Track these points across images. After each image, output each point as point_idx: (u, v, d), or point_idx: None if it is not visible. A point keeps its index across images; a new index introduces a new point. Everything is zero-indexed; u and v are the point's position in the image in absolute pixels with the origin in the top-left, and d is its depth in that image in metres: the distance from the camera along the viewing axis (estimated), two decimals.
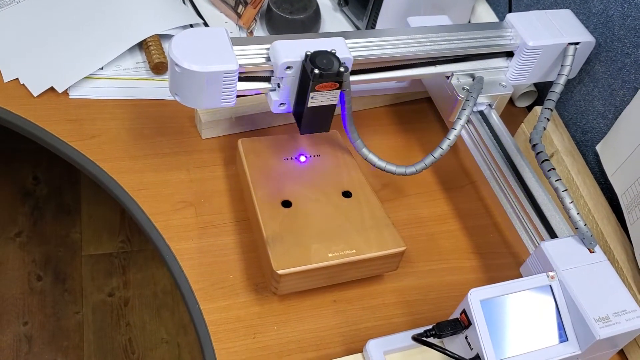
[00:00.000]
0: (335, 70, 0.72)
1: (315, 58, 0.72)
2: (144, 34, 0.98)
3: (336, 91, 0.74)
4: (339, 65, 0.73)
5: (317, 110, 0.75)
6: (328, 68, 0.72)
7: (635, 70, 0.84)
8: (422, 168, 0.78)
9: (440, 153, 0.78)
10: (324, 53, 0.73)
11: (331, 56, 0.73)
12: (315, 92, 0.73)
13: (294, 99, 0.77)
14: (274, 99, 0.77)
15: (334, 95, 0.74)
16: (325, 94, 0.73)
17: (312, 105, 0.74)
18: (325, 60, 0.72)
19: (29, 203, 1.78)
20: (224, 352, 0.71)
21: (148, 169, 0.85)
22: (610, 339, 0.66)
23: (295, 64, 0.73)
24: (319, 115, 0.77)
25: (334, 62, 0.72)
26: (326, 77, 0.72)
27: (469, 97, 0.81)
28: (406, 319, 0.78)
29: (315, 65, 0.71)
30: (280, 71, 0.73)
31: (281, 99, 0.77)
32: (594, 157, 0.92)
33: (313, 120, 0.77)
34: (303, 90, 0.74)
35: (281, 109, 0.78)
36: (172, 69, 0.71)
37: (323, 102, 0.75)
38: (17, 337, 1.55)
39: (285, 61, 0.73)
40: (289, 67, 0.73)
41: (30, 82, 0.91)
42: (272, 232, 0.73)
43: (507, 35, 0.86)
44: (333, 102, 0.76)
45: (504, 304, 0.66)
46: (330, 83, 0.72)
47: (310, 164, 0.82)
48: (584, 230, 0.72)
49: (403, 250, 0.75)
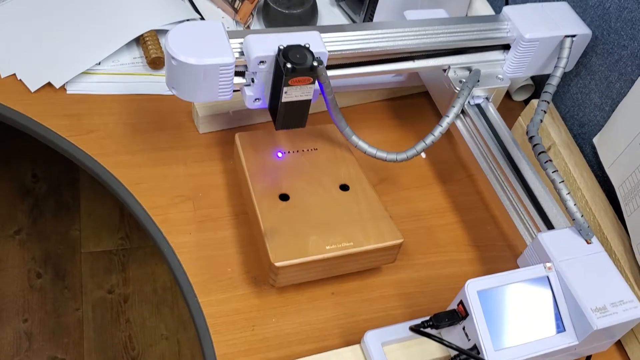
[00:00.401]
0: (309, 64, 0.71)
1: (289, 52, 0.71)
2: (141, 29, 0.98)
3: (310, 86, 0.73)
4: (313, 60, 0.72)
5: (291, 105, 0.75)
6: (301, 62, 0.71)
7: (632, 63, 0.84)
8: (412, 154, 0.78)
9: (431, 140, 0.78)
10: (297, 47, 0.72)
11: (305, 50, 0.72)
12: (289, 87, 0.72)
13: (269, 94, 0.76)
14: (248, 94, 0.76)
15: (307, 90, 0.73)
16: (299, 88, 0.73)
17: (286, 101, 0.74)
18: (299, 54, 0.71)
19: (28, 201, 1.78)
20: (222, 345, 0.71)
21: (146, 164, 0.86)
22: (607, 329, 0.66)
23: (268, 59, 0.72)
24: (294, 111, 0.76)
25: (307, 57, 0.71)
26: (299, 72, 0.71)
27: (464, 87, 0.81)
28: (404, 310, 0.78)
29: (288, 59, 0.70)
30: (254, 65, 0.73)
31: (255, 94, 0.76)
32: (591, 150, 0.92)
33: (288, 116, 0.76)
34: (277, 85, 0.73)
35: (256, 104, 0.77)
36: (169, 62, 0.71)
37: (297, 97, 0.74)
38: (17, 334, 1.55)
39: (257, 55, 0.72)
40: (262, 61, 0.73)
41: (27, 78, 0.91)
42: (269, 225, 0.73)
43: (503, 28, 0.86)
44: (307, 97, 0.75)
45: (501, 295, 0.67)
46: (304, 78, 0.72)
47: (308, 158, 0.82)
48: (580, 221, 0.72)
49: (401, 242, 0.75)
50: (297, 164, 0.81)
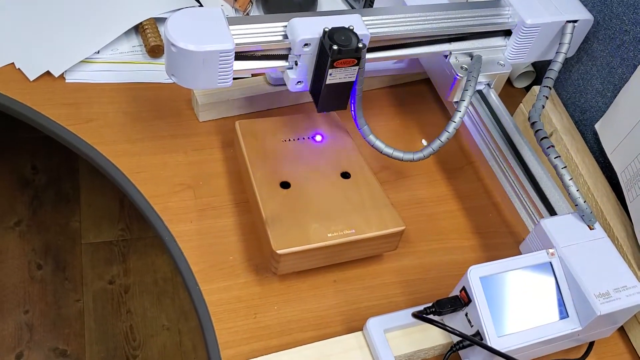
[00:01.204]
0: (354, 46, 0.72)
1: (334, 34, 0.72)
2: (140, 17, 0.97)
3: (354, 67, 0.74)
4: (357, 42, 0.72)
5: (334, 87, 0.75)
6: (346, 44, 0.71)
7: (634, 48, 0.84)
8: (429, 153, 0.78)
9: (447, 137, 0.77)
10: (342, 29, 0.72)
11: (349, 32, 0.73)
12: (334, 69, 0.72)
13: (312, 77, 0.77)
14: (291, 77, 0.76)
15: (352, 72, 0.74)
16: (344, 70, 0.73)
17: (331, 83, 0.74)
18: (344, 36, 0.72)
19: (28, 192, 1.78)
20: (224, 332, 0.71)
21: (146, 152, 0.85)
22: (610, 315, 0.66)
23: (313, 41, 0.73)
24: (336, 93, 0.76)
25: (352, 39, 0.72)
26: (345, 53, 0.71)
27: (470, 77, 0.80)
28: (406, 298, 0.78)
29: (334, 41, 0.71)
30: (298, 48, 0.73)
31: (299, 77, 0.77)
32: (592, 136, 0.92)
33: (330, 98, 0.77)
34: (321, 68, 0.74)
35: (298, 87, 0.78)
36: (168, 49, 0.70)
37: (341, 79, 0.74)
38: (19, 326, 1.55)
39: (303, 38, 0.72)
40: (306, 44, 0.73)
41: (26, 67, 0.91)
42: (271, 212, 0.73)
43: (505, 14, 0.86)
44: (351, 79, 0.75)
45: (503, 281, 0.67)
46: (349, 59, 0.72)
47: (309, 146, 0.82)
48: (583, 207, 0.71)
49: (402, 229, 0.75)
50: (298, 151, 0.81)
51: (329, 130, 0.84)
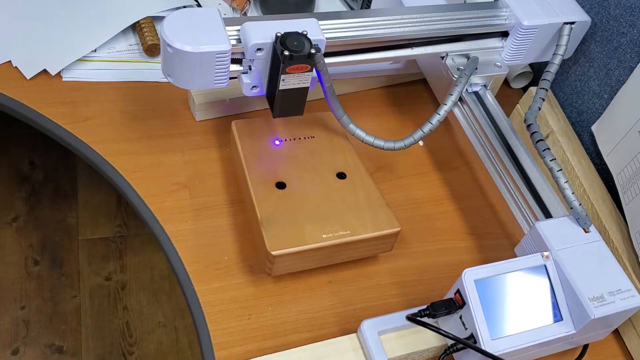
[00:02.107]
0: (306, 52, 0.70)
1: (286, 39, 0.70)
2: (137, 15, 0.97)
3: (308, 74, 0.72)
4: (310, 47, 0.71)
5: (289, 93, 0.74)
6: (299, 50, 0.70)
7: (631, 50, 0.84)
8: (410, 143, 0.78)
9: (429, 128, 0.77)
10: (295, 34, 0.71)
11: (302, 37, 0.71)
12: (287, 75, 0.71)
13: (266, 82, 0.76)
14: (245, 81, 0.75)
15: (305, 78, 0.73)
16: (297, 76, 0.72)
17: (284, 88, 0.73)
18: (296, 41, 0.70)
19: (25, 188, 1.78)
20: (219, 333, 0.71)
21: (142, 151, 0.85)
22: (604, 318, 0.66)
23: (265, 46, 0.72)
24: (292, 98, 0.75)
25: (304, 44, 0.71)
26: (297, 59, 0.70)
27: (462, 74, 0.80)
28: (401, 299, 0.78)
29: (286, 47, 0.70)
30: (251, 53, 0.72)
31: (253, 81, 0.76)
32: (589, 138, 0.92)
33: (285, 104, 0.76)
34: (274, 73, 0.73)
35: (254, 92, 0.77)
36: (165, 49, 0.70)
37: (295, 85, 0.73)
38: (15, 322, 1.56)
39: (255, 43, 0.71)
40: (259, 49, 0.72)
41: (22, 65, 0.91)
42: (266, 213, 0.73)
43: (502, 15, 0.86)
44: (305, 85, 0.74)
45: (498, 284, 0.67)
46: (301, 65, 0.71)
47: (305, 146, 0.82)
48: (578, 210, 0.71)
49: (398, 230, 0.75)
50: (294, 152, 0.81)
51: (325, 130, 0.84)
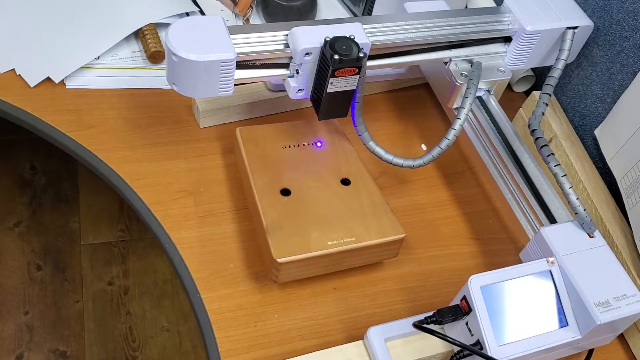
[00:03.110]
0: (355, 55, 0.72)
1: (335, 43, 0.72)
2: (140, 22, 0.97)
3: (355, 76, 0.74)
4: (358, 51, 0.73)
5: (335, 96, 0.76)
6: (347, 53, 0.72)
7: (634, 54, 0.84)
8: (429, 160, 0.78)
9: (447, 144, 0.78)
10: (343, 39, 0.73)
11: (350, 42, 0.73)
12: (335, 78, 0.73)
13: (312, 85, 0.77)
14: (292, 85, 0.77)
15: (352, 81, 0.74)
16: (344, 79, 0.73)
17: (331, 91, 0.75)
18: (345, 45, 0.72)
19: (27, 193, 1.78)
20: (225, 341, 0.71)
21: (146, 159, 0.85)
22: (610, 323, 0.66)
23: (314, 50, 0.73)
24: (337, 101, 0.77)
25: (353, 48, 0.72)
26: (346, 63, 0.72)
27: (470, 84, 0.80)
28: (407, 305, 0.78)
29: (335, 50, 0.71)
30: (300, 57, 0.74)
31: (300, 85, 0.77)
32: (592, 142, 0.92)
33: (331, 106, 0.77)
34: (322, 76, 0.74)
35: (299, 95, 0.78)
36: (170, 58, 0.70)
37: (342, 88, 0.75)
38: (18, 327, 1.56)
39: (304, 47, 0.73)
40: (308, 53, 0.74)
41: (26, 73, 0.91)
42: (271, 220, 0.73)
43: (505, 20, 0.86)
44: (352, 88, 0.76)
45: (504, 290, 0.67)
46: (350, 68, 0.72)
47: (309, 152, 0.82)
48: (583, 215, 0.72)
49: (403, 237, 0.75)
50: (298, 158, 0.81)
51: (329, 136, 0.84)
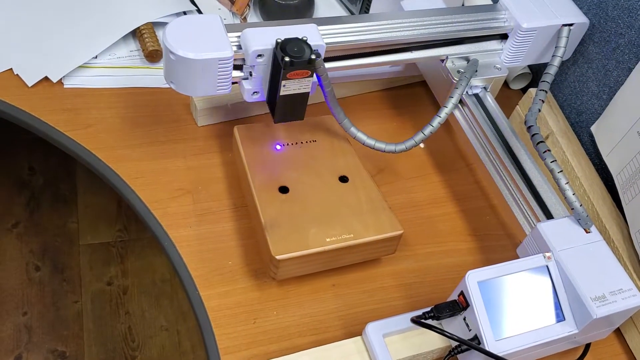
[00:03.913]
0: (307, 57, 0.71)
1: (286, 45, 0.71)
2: (138, 22, 0.98)
3: (308, 79, 0.73)
4: (311, 53, 0.71)
5: (290, 98, 0.75)
6: (299, 56, 0.71)
7: (629, 51, 0.85)
8: (411, 145, 0.78)
9: (430, 130, 0.78)
10: (295, 40, 0.72)
11: (302, 43, 0.72)
12: (287, 80, 0.72)
13: (267, 87, 0.76)
14: (246, 87, 0.76)
15: (306, 83, 0.74)
16: (298, 82, 0.73)
17: (285, 94, 0.74)
18: (296, 47, 0.71)
19: (25, 193, 1.78)
20: (224, 338, 0.72)
21: (145, 157, 0.86)
22: (606, 317, 0.67)
23: (266, 52, 0.72)
24: (293, 104, 0.76)
25: (305, 50, 0.71)
26: (297, 65, 0.71)
27: (462, 77, 0.81)
28: (405, 301, 0.78)
29: (286, 52, 0.70)
30: (252, 59, 0.73)
31: (254, 87, 0.76)
32: (588, 138, 0.92)
33: (286, 109, 0.77)
34: (275, 79, 0.73)
35: (254, 97, 0.77)
36: (167, 56, 0.70)
37: (295, 90, 0.74)
38: (17, 328, 1.56)
39: (255, 49, 0.72)
40: (260, 55, 0.73)
41: (24, 72, 0.91)
42: (269, 218, 0.74)
43: (501, 18, 0.86)
44: (306, 90, 0.75)
45: (501, 285, 0.67)
46: (302, 71, 0.72)
47: (306, 150, 0.82)
48: (579, 210, 0.72)
49: (400, 233, 0.75)
50: (296, 156, 0.81)
51: (326, 134, 0.84)
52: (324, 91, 0.76)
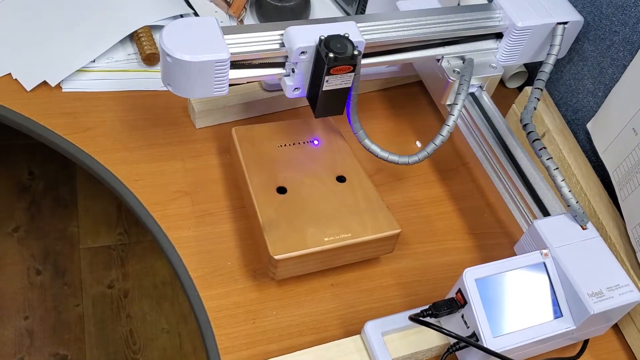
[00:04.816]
0: (350, 53, 0.73)
1: (330, 42, 0.73)
2: (135, 25, 0.98)
3: (350, 74, 0.75)
4: (353, 49, 0.74)
5: (331, 93, 0.76)
6: (342, 52, 0.73)
7: (624, 48, 0.85)
8: (424, 156, 0.79)
9: (441, 140, 0.78)
10: (338, 37, 0.74)
11: (345, 40, 0.74)
12: (330, 76, 0.74)
13: (308, 84, 0.78)
14: (288, 84, 0.78)
15: (347, 79, 0.75)
16: (340, 77, 0.74)
17: (327, 89, 0.75)
18: (339, 44, 0.73)
19: (25, 198, 1.79)
20: (224, 338, 0.72)
21: (143, 160, 0.86)
22: (604, 313, 0.67)
23: (309, 49, 0.74)
24: (333, 99, 0.78)
25: (347, 46, 0.73)
26: (341, 61, 0.73)
27: (462, 80, 0.81)
28: (403, 300, 0.79)
29: (330, 49, 0.72)
30: (295, 56, 0.74)
31: (295, 83, 0.78)
32: (584, 136, 0.93)
33: (327, 104, 0.78)
34: (318, 75, 0.75)
35: (295, 93, 0.79)
36: (164, 59, 0.71)
37: (337, 86, 0.76)
38: (19, 332, 1.56)
39: (300, 46, 0.73)
40: (303, 52, 0.74)
41: (23, 77, 0.92)
42: (268, 218, 0.74)
43: (496, 17, 0.87)
44: (347, 85, 0.76)
45: (498, 282, 0.67)
46: (345, 66, 0.73)
47: (304, 150, 0.83)
48: (576, 207, 0.72)
49: (398, 232, 0.76)
50: (294, 156, 0.82)
51: (324, 134, 0.85)
52: (350, 92, 0.78)
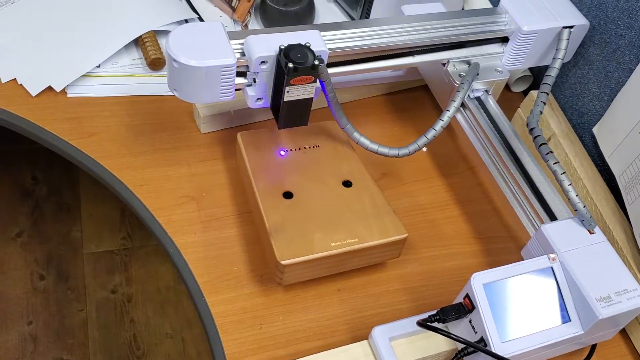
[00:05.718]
0: (310, 63, 0.71)
1: (290, 52, 0.71)
2: (140, 30, 0.98)
3: (312, 85, 0.74)
4: (314, 59, 0.72)
5: (294, 104, 0.75)
6: (302, 61, 0.71)
7: (630, 52, 0.85)
8: (414, 149, 0.79)
9: (433, 134, 0.78)
10: (298, 46, 0.72)
11: (305, 49, 0.72)
12: (291, 86, 0.72)
13: (271, 94, 0.77)
14: (250, 94, 0.76)
15: (309, 89, 0.74)
16: (301, 87, 0.73)
17: (289, 100, 0.74)
18: (300, 53, 0.72)
19: (28, 203, 1.79)
20: (231, 343, 0.72)
21: (149, 165, 0.86)
22: (612, 318, 0.67)
23: (269, 59, 0.73)
24: (296, 109, 0.76)
25: (308, 56, 0.72)
26: (301, 71, 0.71)
27: (464, 80, 0.81)
28: (410, 305, 0.78)
29: (290, 59, 0.71)
30: (255, 66, 0.73)
31: (258, 94, 0.77)
32: (590, 140, 0.93)
33: (290, 115, 0.77)
34: (279, 85, 0.74)
35: (258, 104, 0.78)
36: (170, 64, 0.71)
37: (299, 96, 0.74)
38: (22, 337, 1.56)
39: (259, 56, 0.72)
40: (263, 61, 0.73)
41: (28, 82, 0.92)
42: (274, 223, 0.74)
43: (501, 21, 0.87)
44: (309, 96, 0.75)
45: (506, 287, 0.67)
46: (306, 77, 0.72)
47: (310, 155, 0.83)
48: (583, 211, 0.72)
49: (405, 237, 0.76)
50: (300, 161, 0.82)
51: (329, 139, 0.85)
52: (327, 97, 0.76)
